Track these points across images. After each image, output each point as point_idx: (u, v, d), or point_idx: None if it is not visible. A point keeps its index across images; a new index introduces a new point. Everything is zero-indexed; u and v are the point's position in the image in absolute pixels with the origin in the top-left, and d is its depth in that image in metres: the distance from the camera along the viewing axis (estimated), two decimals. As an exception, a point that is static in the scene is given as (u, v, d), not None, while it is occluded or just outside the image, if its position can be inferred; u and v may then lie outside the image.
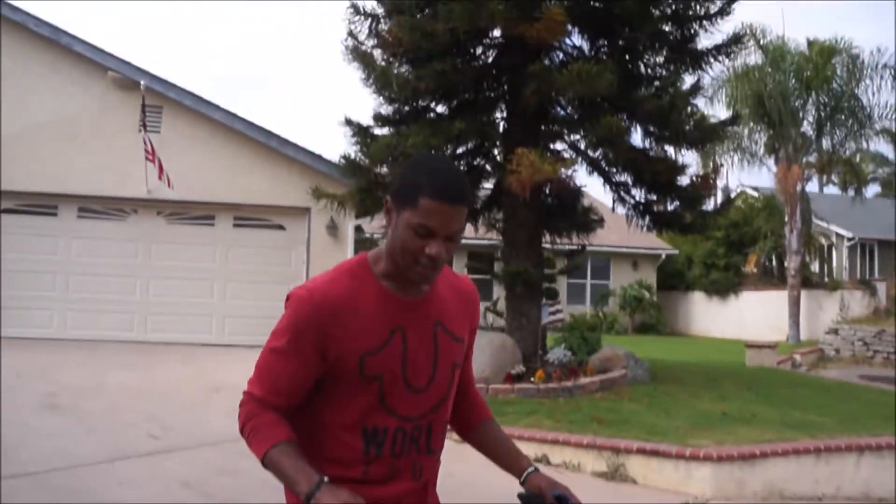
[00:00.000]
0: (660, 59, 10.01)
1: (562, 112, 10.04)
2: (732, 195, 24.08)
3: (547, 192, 10.07)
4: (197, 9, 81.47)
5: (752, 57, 20.02)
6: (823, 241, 25.10)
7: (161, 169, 12.58)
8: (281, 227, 14.04)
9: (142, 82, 13.17)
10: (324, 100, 71.72)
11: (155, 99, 13.46)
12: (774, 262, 25.17)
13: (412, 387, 1.76)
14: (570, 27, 9.13)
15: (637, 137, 10.12)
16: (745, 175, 56.86)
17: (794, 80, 20.18)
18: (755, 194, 26.07)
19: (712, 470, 5.85)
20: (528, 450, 6.61)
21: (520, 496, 1.87)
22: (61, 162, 13.34)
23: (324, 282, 1.76)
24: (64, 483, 5.22)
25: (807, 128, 21.00)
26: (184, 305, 13.55)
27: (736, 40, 10.00)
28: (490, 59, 10.15)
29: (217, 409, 7.35)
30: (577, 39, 10.08)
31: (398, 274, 1.74)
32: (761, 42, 20.02)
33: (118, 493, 5.11)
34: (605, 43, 9.88)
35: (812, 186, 27.26)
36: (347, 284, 1.74)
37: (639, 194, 10.82)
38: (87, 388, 8.68)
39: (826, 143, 21.19)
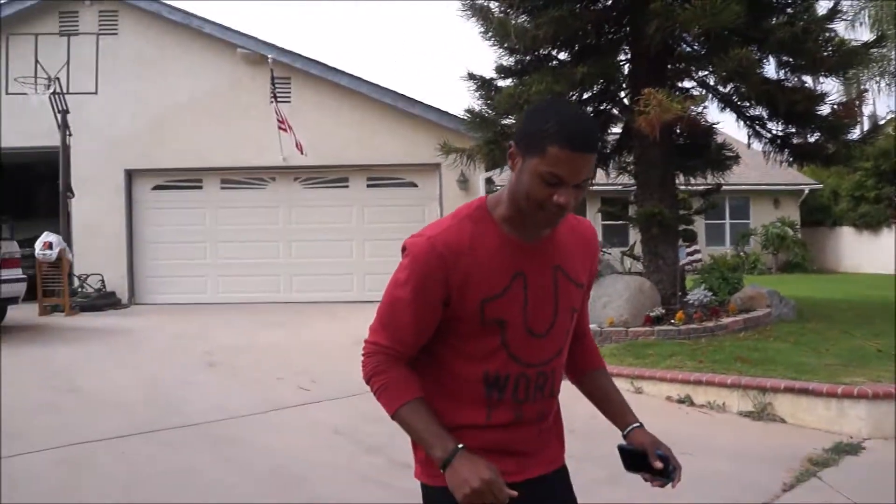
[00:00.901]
0: (791, -17, 9.54)
1: (688, 48, 9.73)
2: (881, 122, 22.63)
3: (677, 131, 9.85)
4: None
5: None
6: None
7: (295, 136, 13.16)
8: (413, 185, 14.40)
9: (269, 56, 13.73)
10: (446, 57, 71.79)
11: (283, 71, 14.01)
12: (932, 189, 23.57)
13: (533, 333, 1.75)
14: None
15: (770, 69, 9.72)
16: (896, 99, 53.02)
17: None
18: (907, 119, 24.39)
19: (868, 408, 5.63)
20: (671, 391, 6.64)
21: (620, 448, 1.87)
22: (202, 138, 14.15)
23: (444, 229, 1.74)
24: (223, 432, 5.66)
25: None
26: (325, 265, 14.20)
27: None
28: (609, 1, 9.96)
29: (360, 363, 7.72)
30: (700, -30, 9.76)
31: (520, 219, 1.72)
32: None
33: (274, 440, 5.50)
34: (731, -29, 9.49)
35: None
36: (468, 230, 1.73)
37: (775, 127, 10.42)
38: (240, 347, 9.32)
39: None
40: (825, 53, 8.82)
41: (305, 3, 77.00)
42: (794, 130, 10.26)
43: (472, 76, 10.54)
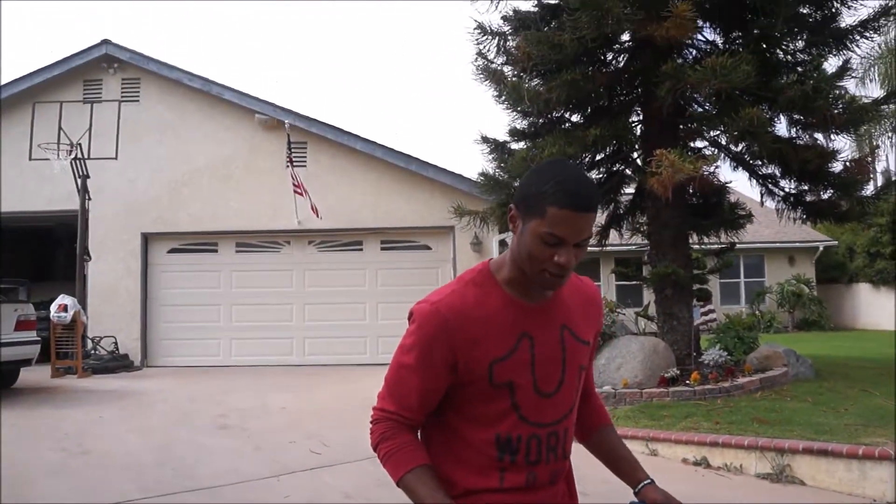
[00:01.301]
0: (800, 44, 9.62)
1: (699, 109, 9.83)
2: (895, 178, 22.65)
3: (690, 191, 9.88)
4: (328, 48, 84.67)
5: (905, 29, 18.80)
6: None
7: (311, 200, 13.32)
8: (427, 247, 14.45)
9: (286, 122, 13.97)
10: (458, 120, 72.77)
11: (299, 135, 14.23)
12: (948, 246, 23.39)
13: (542, 392, 1.75)
14: (700, 23, 8.98)
15: (782, 127, 9.78)
16: (909, 155, 53.07)
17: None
18: (921, 175, 24.43)
19: (891, 470, 5.51)
20: (686, 453, 6.53)
21: None
22: (219, 201, 14.34)
23: (447, 294, 1.75)
24: (235, 496, 5.60)
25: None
26: (338, 328, 14.19)
27: (884, 12, 9.43)
28: (621, 64, 10.09)
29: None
30: (708, 34, 9.90)
31: (524, 280, 1.74)
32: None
33: (288, 505, 5.44)
34: (739, 34, 9.60)
35: None
36: (472, 294, 1.74)
37: (788, 185, 10.46)
38: (253, 410, 9.26)
39: None
40: (836, 111, 8.86)
41: (323, 70, 78.49)
42: (806, 188, 10.29)
43: (485, 139, 10.68)
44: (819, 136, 9.65)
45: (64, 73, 14.63)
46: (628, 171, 10.89)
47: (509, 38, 10.07)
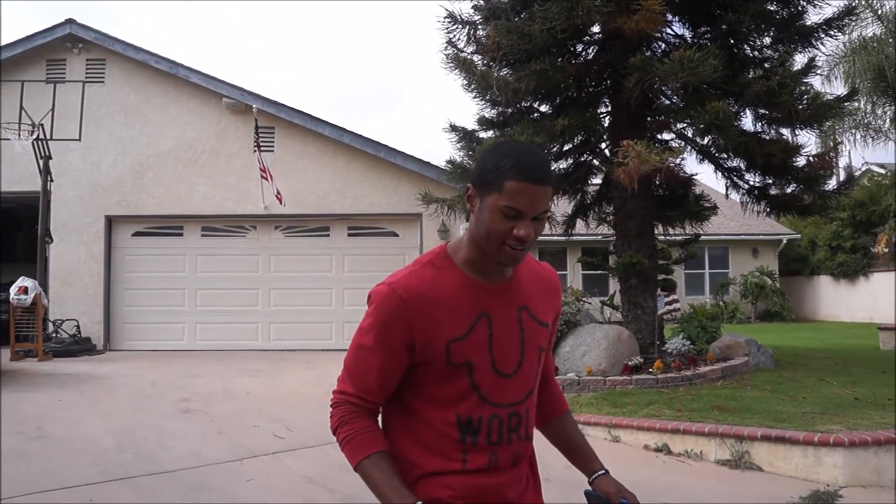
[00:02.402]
0: (767, 41, 9.74)
1: (667, 101, 9.91)
2: (856, 174, 23.00)
3: (656, 182, 9.97)
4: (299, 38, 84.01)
5: (869, 28, 19.10)
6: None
7: (274, 186, 13.24)
8: (394, 234, 14.46)
9: (254, 106, 13.85)
10: (428, 109, 72.61)
11: (267, 120, 14.12)
12: (906, 241, 23.89)
13: (501, 373, 1.76)
14: (669, 17, 9.05)
15: (748, 121, 9.90)
16: (870, 152, 54.01)
17: (917, 48, 19.10)
18: (882, 171, 24.83)
19: (845, 456, 5.64)
20: (649, 439, 6.62)
21: (587, 493, 1.91)
22: (185, 185, 14.20)
23: (404, 275, 1.76)
24: (197, 480, 5.57)
25: (934, 97, 19.82)
26: (304, 313, 14.17)
27: (848, 12, 9.62)
28: (590, 56, 10.14)
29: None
30: (677, 28, 9.98)
31: (482, 260, 1.75)
32: (879, 12, 19.07)
33: (247, 488, 5.42)
34: (708, 29, 9.69)
35: (944, 158, 25.63)
36: (429, 274, 1.76)
37: (753, 178, 10.59)
38: (217, 394, 9.20)
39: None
40: (800, 107, 9.01)
41: (292, 55, 77.83)
42: (771, 181, 10.43)
43: (454, 128, 10.69)
44: (784, 130, 9.78)
45: (27, 52, 14.33)
46: (596, 162, 10.97)
47: (479, 27, 10.06)
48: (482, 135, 10.58)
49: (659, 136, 10.08)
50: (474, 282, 1.77)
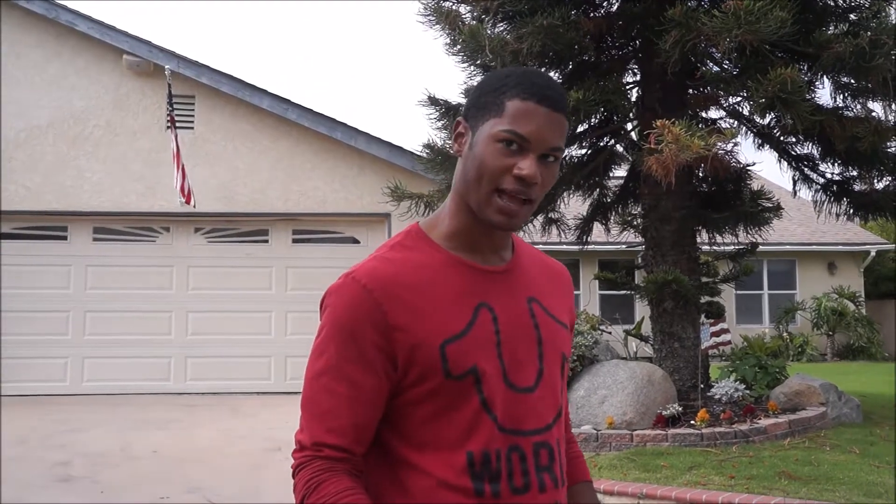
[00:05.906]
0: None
1: (715, 68, 9.95)
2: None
3: (700, 174, 10.06)
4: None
5: None
6: None
7: (184, 178, 12.64)
8: (354, 240, 14.48)
9: (167, 67, 13.58)
10: (401, 75, 72.68)
11: (185, 86, 14.01)
12: None
13: (517, 386, 1.65)
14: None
15: (825, 94, 9.97)
16: None
17: None
18: None
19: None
20: (690, 517, 6.71)
21: None
22: (69, 171, 13.99)
23: (365, 262, 1.70)
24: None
25: None
26: (233, 345, 14.09)
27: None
28: (614, 7, 10.19)
29: (278, 475, 7.63)
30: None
31: (470, 232, 1.71)
32: None
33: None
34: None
35: None
36: (400, 258, 1.69)
37: (830, 170, 10.67)
38: (109, 455, 9.13)
39: None
40: (898, 73, 8.89)
41: (221, 10, 77.74)
42: (855, 173, 10.51)
43: (433, 100, 10.66)
44: (875, 106, 9.74)
45: None
46: (619, 148, 11.05)
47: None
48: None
49: (704, 115, 10.16)
50: (464, 261, 1.72)
